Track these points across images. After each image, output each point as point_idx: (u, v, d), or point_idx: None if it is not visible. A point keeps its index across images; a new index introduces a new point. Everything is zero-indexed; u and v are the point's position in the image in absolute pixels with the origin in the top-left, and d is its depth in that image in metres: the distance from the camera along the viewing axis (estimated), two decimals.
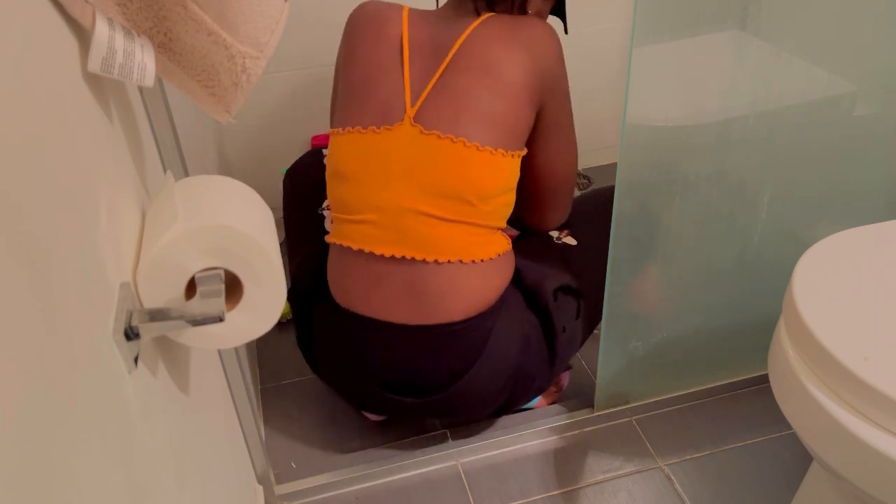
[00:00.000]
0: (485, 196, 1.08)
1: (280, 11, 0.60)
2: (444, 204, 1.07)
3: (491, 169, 1.08)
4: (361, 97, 1.10)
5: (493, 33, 1.08)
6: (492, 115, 1.07)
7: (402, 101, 1.08)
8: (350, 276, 1.14)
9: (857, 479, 0.81)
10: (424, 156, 1.07)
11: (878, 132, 1.17)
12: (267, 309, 0.62)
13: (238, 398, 1.05)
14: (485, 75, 1.06)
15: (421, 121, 1.07)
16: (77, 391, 0.41)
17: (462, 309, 1.11)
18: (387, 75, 1.09)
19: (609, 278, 1.18)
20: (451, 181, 1.07)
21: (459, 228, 1.09)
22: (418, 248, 1.08)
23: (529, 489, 1.23)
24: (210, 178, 0.64)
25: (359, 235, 1.11)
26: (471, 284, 1.10)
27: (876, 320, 0.86)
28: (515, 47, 1.07)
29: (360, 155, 1.10)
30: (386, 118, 1.08)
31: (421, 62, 1.10)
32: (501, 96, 1.07)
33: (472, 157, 1.06)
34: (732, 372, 1.38)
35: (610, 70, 1.95)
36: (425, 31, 1.11)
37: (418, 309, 1.11)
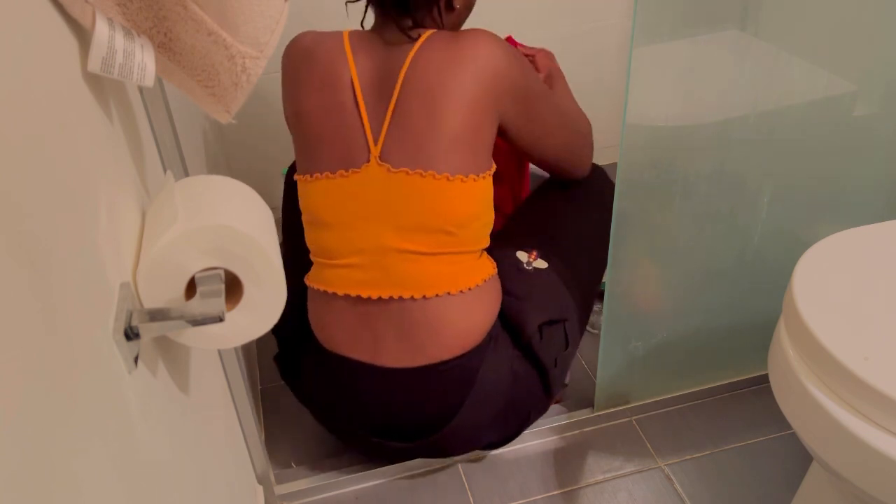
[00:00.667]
0: (463, 223, 1.07)
1: (280, 11, 0.60)
2: (424, 238, 1.06)
3: (465, 196, 1.06)
4: (323, 143, 1.08)
5: (435, 56, 1.04)
6: (453, 139, 1.04)
7: (363, 142, 1.06)
8: (335, 321, 1.12)
9: (857, 479, 0.81)
10: (397, 194, 1.05)
11: (878, 132, 1.17)
12: (267, 309, 0.62)
13: (238, 398, 1.05)
14: (436, 100, 1.03)
15: (387, 159, 1.05)
16: (77, 391, 0.41)
17: (450, 345, 1.09)
18: (344, 118, 1.07)
19: (609, 278, 1.18)
20: (428, 215, 1.05)
21: (443, 259, 1.08)
22: (404, 285, 1.07)
23: (529, 489, 1.23)
24: (210, 178, 0.64)
25: (343, 280, 1.10)
26: (459, 317, 1.09)
27: (876, 320, 0.86)
28: (459, 66, 1.04)
29: (334, 200, 1.08)
30: (352, 161, 1.06)
31: (374, 98, 1.07)
32: (457, 118, 1.04)
33: (444, 189, 1.05)
34: (732, 372, 1.38)
35: (610, 70, 1.94)
36: (370, 64, 1.08)
37: (407, 349, 1.09)
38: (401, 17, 1.07)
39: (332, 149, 1.07)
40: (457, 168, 1.05)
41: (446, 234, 1.07)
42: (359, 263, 1.08)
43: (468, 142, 1.05)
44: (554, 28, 1.84)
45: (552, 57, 1.34)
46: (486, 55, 1.05)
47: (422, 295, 1.07)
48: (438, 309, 1.08)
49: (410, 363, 1.10)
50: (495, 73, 1.06)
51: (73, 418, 0.40)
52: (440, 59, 1.04)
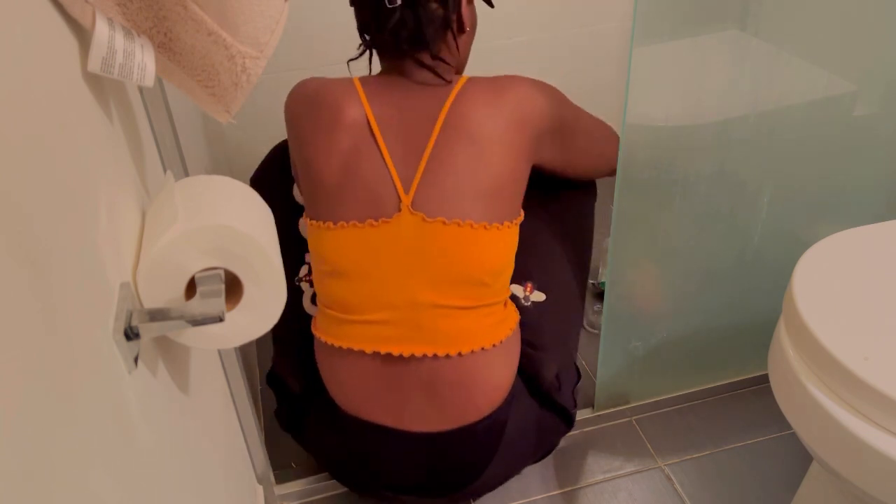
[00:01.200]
0: (497, 273, 1.03)
1: (280, 11, 0.60)
2: (461, 292, 1.00)
3: (499, 245, 1.02)
4: (342, 190, 1.00)
5: (478, 101, 1.00)
6: (492, 187, 1.00)
7: (392, 190, 0.99)
8: (356, 380, 1.05)
9: (857, 479, 0.81)
10: (432, 245, 0.99)
11: (878, 132, 1.17)
12: (267, 309, 0.62)
13: (238, 398, 1.05)
14: (476, 147, 0.99)
15: (420, 208, 0.99)
16: (77, 391, 0.41)
17: (480, 405, 1.04)
18: (364, 163, 1.00)
19: (609, 278, 1.18)
20: (465, 267, 1.00)
21: (479, 313, 1.02)
22: (437, 342, 1.01)
23: (529, 489, 1.23)
24: (210, 178, 0.64)
25: (369, 337, 1.02)
26: (490, 373, 1.04)
27: (876, 320, 0.86)
28: (503, 112, 1.01)
29: (360, 251, 1.00)
30: (380, 210, 0.99)
31: (400, 142, 1.01)
32: (501, 166, 1.00)
33: (481, 238, 1.00)
34: (732, 372, 1.38)
35: (610, 70, 1.94)
36: (391, 108, 1.02)
37: (434, 412, 1.03)
38: (418, 52, 1.02)
39: (355, 196, 1.00)
40: (493, 216, 1.01)
41: (482, 286, 1.01)
42: (388, 319, 1.01)
43: (507, 190, 1.02)
44: (554, 29, 1.84)
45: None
46: (528, 99, 1.03)
47: (457, 352, 1.01)
48: (471, 366, 1.02)
49: (438, 427, 1.04)
50: (539, 118, 1.04)
51: (73, 418, 0.40)
52: (483, 104, 1.01)
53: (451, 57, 1.06)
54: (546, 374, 1.12)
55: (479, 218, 1.00)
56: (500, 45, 1.82)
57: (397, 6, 0.98)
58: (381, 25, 1.00)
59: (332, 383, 1.08)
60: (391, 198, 1.00)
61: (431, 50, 1.02)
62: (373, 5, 1.00)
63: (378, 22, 1.00)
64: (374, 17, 1.00)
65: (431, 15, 1.00)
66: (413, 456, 1.06)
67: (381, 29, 1.01)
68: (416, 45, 1.01)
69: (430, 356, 1.01)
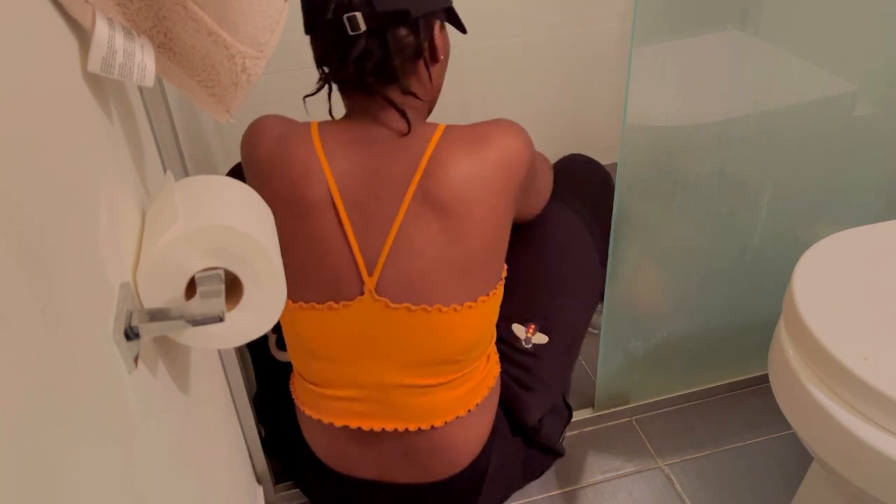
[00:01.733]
0: (471, 348, 0.96)
1: (280, 11, 0.60)
2: (431, 371, 0.94)
3: (474, 323, 0.94)
4: (301, 270, 0.92)
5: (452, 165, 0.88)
6: (465, 266, 0.91)
7: (354, 272, 0.90)
8: (334, 447, 1.02)
9: (857, 479, 0.81)
10: (399, 331, 0.92)
11: (878, 132, 1.17)
12: (267, 309, 0.62)
13: (238, 398, 1.05)
14: (449, 221, 0.89)
15: (384, 292, 0.90)
16: (77, 391, 0.41)
17: (461, 462, 1.02)
18: (325, 243, 0.90)
19: (609, 278, 1.18)
20: (435, 350, 0.93)
21: (451, 385, 0.97)
22: (410, 418, 0.96)
23: (529, 489, 1.23)
24: (210, 178, 0.64)
25: (340, 412, 0.98)
26: (469, 435, 1.01)
27: (876, 320, 0.86)
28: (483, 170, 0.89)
29: (324, 332, 0.94)
30: (341, 293, 0.91)
31: (363, 216, 0.90)
32: (473, 240, 0.90)
33: (452, 321, 0.92)
34: (732, 372, 1.38)
35: (610, 70, 1.94)
36: (356, 169, 0.90)
37: (415, 470, 1.01)
38: (386, 87, 0.90)
39: (315, 277, 0.92)
40: (465, 296, 0.92)
41: (454, 363, 0.95)
42: (356, 396, 0.97)
43: (483, 263, 0.93)
44: (554, 29, 1.84)
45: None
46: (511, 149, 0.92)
47: (429, 426, 0.97)
48: (447, 434, 0.99)
49: (422, 479, 1.02)
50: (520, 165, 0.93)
51: (73, 418, 0.40)
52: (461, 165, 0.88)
53: (423, 90, 0.95)
54: (529, 418, 1.09)
55: (450, 300, 0.91)
56: (500, 45, 1.82)
57: (361, 33, 0.85)
58: (343, 55, 0.87)
59: (315, 446, 1.05)
60: (353, 281, 0.91)
61: (401, 83, 0.90)
62: (332, 33, 0.87)
63: (339, 52, 0.88)
64: (335, 46, 0.88)
65: (401, 43, 0.88)
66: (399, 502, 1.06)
67: (343, 59, 0.88)
68: (383, 78, 0.89)
69: (402, 431, 0.97)
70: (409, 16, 0.87)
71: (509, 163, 0.92)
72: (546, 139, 1.94)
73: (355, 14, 0.85)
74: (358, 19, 0.85)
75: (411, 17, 0.87)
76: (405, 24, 0.88)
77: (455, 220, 0.89)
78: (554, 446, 1.14)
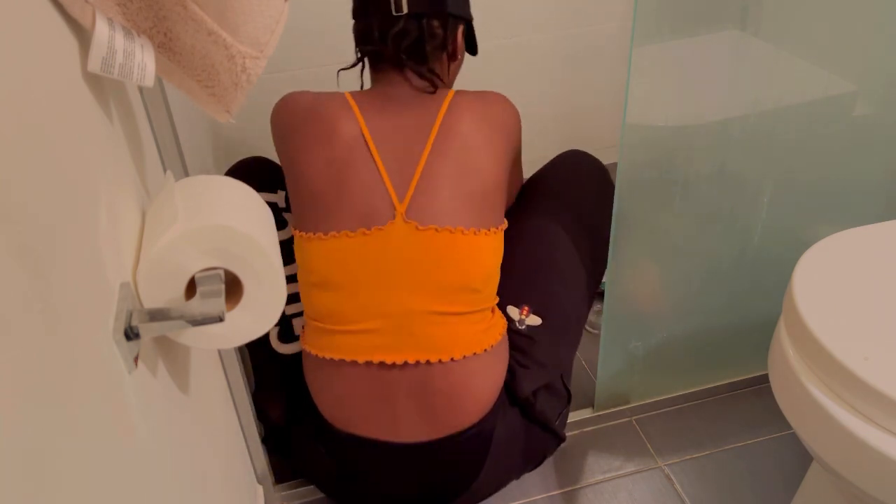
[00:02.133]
0: (487, 279, 1.05)
1: (280, 11, 0.60)
2: (453, 297, 1.01)
3: (489, 250, 1.04)
4: (335, 200, 1.01)
5: (465, 115, 1.05)
6: (481, 193, 1.04)
7: (386, 199, 1.01)
8: (348, 393, 1.04)
9: (857, 479, 0.81)
10: (425, 253, 1.00)
11: (878, 132, 1.17)
12: (267, 309, 0.62)
13: (238, 398, 1.05)
14: (467, 155, 1.03)
15: (414, 216, 1.00)
16: (77, 391, 0.41)
17: (470, 412, 1.04)
18: (358, 173, 1.01)
19: (609, 278, 1.18)
20: (458, 274, 1.01)
21: (470, 319, 1.03)
22: (431, 349, 1.01)
23: (529, 489, 1.23)
24: (210, 178, 0.64)
25: (360, 346, 1.01)
26: (481, 380, 1.04)
27: (876, 320, 0.86)
28: (489, 127, 1.06)
29: (352, 261, 1.00)
30: (372, 219, 1.00)
31: (394, 154, 1.03)
32: (491, 174, 1.05)
33: (473, 245, 1.02)
34: (732, 372, 1.38)
35: (610, 70, 1.94)
36: (383, 120, 1.05)
37: (426, 421, 1.03)
38: (419, 65, 1.07)
39: (345, 205, 1.01)
40: (481, 222, 1.03)
41: (474, 292, 1.03)
42: (380, 328, 1.01)
43: (494, 195, 1.06)
44: (554, 29, 1.84)
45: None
46: (511, 114, 1.10)
47: (449, 357, 1.01)
48: (462, 372, 1.03)
49: (429, 436, 1.04)
50: (515, 132, 1.12)
51: (73, 418, 0.40)
52: (472, 113, 1.05)
53: (442, 74, 1.11)
54: (521, 388, 1.11)
55: (469, 224, 1.02)
56: (501, 45, 1.82)
57: (403, 14, 1.03)
58: (384, 33, 1.04)
59: (323, 397, 1.07)
60: (385, 207, 1.01)
61: (429, 64, 1.07)
62: (379, 12, 1.04)
63: (381, 30, 1.04)
64: (379, 24, 1.05)
65: (432, 31, 1.06)
66: (405, 468, 1.06)
67: (383, 37, 1.04)
68: (414, 56, 1.06)
69: (423, 363, 1.01)
70: (444, 8, 1.05)
71: (509, 125, 1.10)
72: (546, 139, 1.94)
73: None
74: (403, 2, 1.02)
75: (446, 10, 1.05)
76: (438, 17, 1.05)
77: (472, 153, 1.04)
78: (551, 425, 1.16)
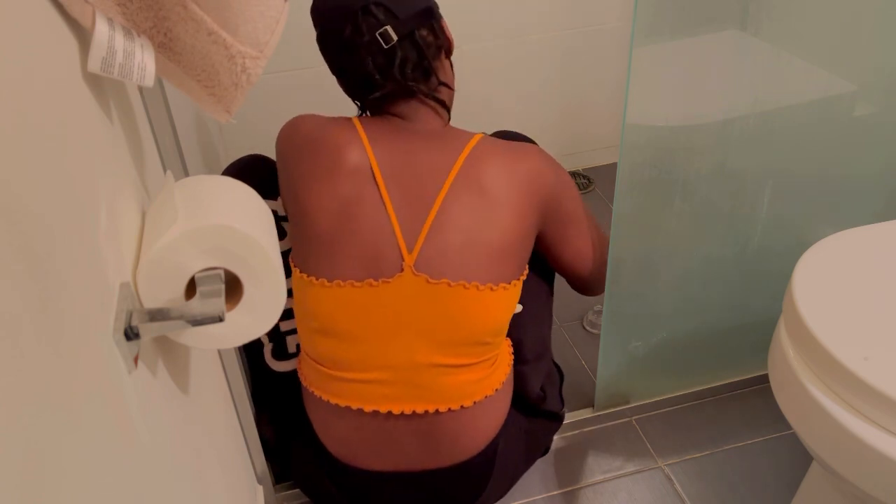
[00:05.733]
0: (499, 331, 1.02)
1: (280, 11, 0.60)
2: (462, 351, 0.98)
3: (503, 305, 1.00)
4: (340, 243, 0.95)
5: (490, 163, 0.98)
6: (501, 247, 0.97)
7: (395, 247, 0.94)
8: (352, 436, 1.02)
9: (857, 479, 0.81)
10: (434, 307, 0.95)
11: (878, 132, 1.17)
12: (267, 309, 0.62)
13: (238, 398, 1.05)
14: (488, 203, 0.96)
15: (423, 268, 0.94)
16: (77, 391, 0.41)
17: (477, 446, 1.04)
18: (366, 212, 0.94)
19: (609, 278, 1.18)
20: (468, 329, 0.97)
21: (478, 368, 1.01)
22: (439, 400, 0.99)
23: (529, 489, 1.23)
24: (210, 178, 0.64)
25: (366, 395, 0.99)
26: (488, 419, 1.03)
27: (876, 320, 0.86)
28: (516, 181, 0.98)
29: (357, 311, 0.96)
30: (380, 268, 0.95)
31: (404, 193, 0.96)
32: (508, 222, 0.97)
33: (486, 300, 0.97)
34: (732, 372, 1.38)
35: (610, 70, 1.95)
36: (396, 153, 0.97)
37: (431, 454, 1.02)
38: (426, 82, 1.00)
39: (355, 250, 0.95)
40: (499, 277, 0.98)
41: (484, 346, 1.00)
42: (385, 379, 0.98)
43: (515, 248, 1.00)
44: (555, 29, 1.84)
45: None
46: (540, 172, 1.01)
47: (459, 406, 1.00)
48: (472, 417, 1.01)
49: (434, 465, 1.03)
50: (547, 192, 1.02)
51: (73, 418, 0.40)
52: (498, 163, 0.98)
53: (449, 81, 1.06)
54: (531, 389, 1.12)
55: (486, 279, 0.96)
56: (501, 45, 1.82)
57: (394, 43, 0.96)
58: (386, 70, 0.98)
59: (324, 435, 1.05)
60: (394, 255, 0.95)
61: (437, 75, 1.01)
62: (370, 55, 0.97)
63: (382, 68, 0.98)
64: (376, 65, 0.98)
65: (427, 42, 0.99)
66: (410, 494, 1.06)
67: (387, 74, 0.98)
68: (423, 73, 1.00)
69: (432, 412, 0.99)
70: (430, 16, 0.99)
71: (535, 178, 1.00)
72: (546, 139, 1.94)
73: (386, 28, 0.95)
74: (389, 32, 0.96)
75: (432, 16, 0.99)
76: (425, 24, 0.99)
77: (492, 205, 0.96)
78: (558, 410, 1.17)
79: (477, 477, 1.07)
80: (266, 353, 1.17)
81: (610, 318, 1.23)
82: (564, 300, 1.44)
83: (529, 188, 1.00)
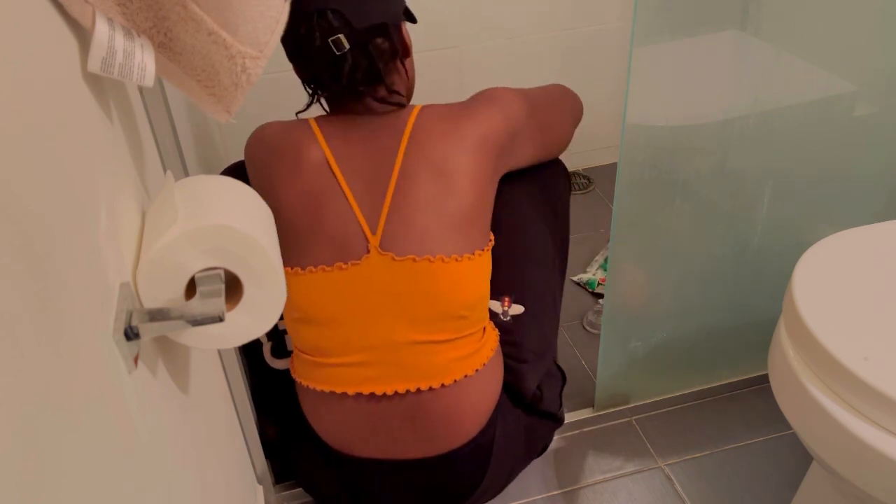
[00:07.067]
0: (474, 304, 1.02)
1: (280, 11, 0.60)
2: (439, 326, 0.99)
3: (474, 276, 1.01)
4: (310, 232, 0.99)
5: (435, 129, 1.00)
6: (461, 218, 0.99)
7: (359, 231, 0.98)
8: (342, 421, 1.04)
9: (857, 479, 0.81)
10: (404, 284, 0.98)
11: (878, 132, 1.17)
12: (267, 309, 0.62)
13: (238, 398, 1.05)
14: (441, 178, 0.98)
15: (389, 247, 0.97)
16: (77, 391, 0.41)
17: (468, 429, 1.04)
18: (330, 206, 0.99)
19: (609, 278, 1.18)
20: (441, 302, 0.98)
21: (457, 344, 1.02)
22: (420, 378, 1.00)
23: (529, 489, 1.23)
24: (210, 178, 0.64)
25: (350, 378, 1.01)
26: (475, 399, 1.04)
27: (876, 320, 0.86)
28: (462, 138, 1.00)
29: (331, 295, 0.99)
30: (347, 252, 0.98)
31: (362, 181, 1.00)
32: (469, 195, 1.00)
33: (454, 272, 0.98)
34: (732, 372, 1.38)
35: (610, 70, 1.95)
36: (349, 145, 1.01)
37: (424, 440, 1.03)
38: (374, 88, 1.01)
39: (323, 238, 0.99)
40: (464, 247, 0.99)
41: (460, 319, 1.01)
42: (366, 360, 1.00)
43: (476, 217, 1.01)
44: (554, 29, 1.84)
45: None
46: (485, 120, 1.02)
47: (440, 384, 1.00)
48: (456, 395, 1.02)
49: (428, 453, 1.04)
50: (497, 134, 1.03)
51: (73, 418, 0.40)
52: (441, 132, 1.00)
53: (402, 84, 1.06)
54: (527, 387, 1.12)
55: (451, 251, 0.98)
56: (500, 46, 1.82)
57: (346, 51, 0.96)
58: (335, 74, 0.99)
59: (318, 426, 1.06)
60: (358, 240, 0.98)
61: (386, 83, 1.01)
62: (322, 57, 0.97)
63: (331, 72, 0.99)
64: (327, 68, 0.98)
65: (380, 50, 0.99)
66: (406, 483, 1.06)
67: (336, 78, 0.99)
68: (372, 82, 1.00)
69: (414, 391, 1.00)
70: (386, 28, 0.99)
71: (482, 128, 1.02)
72: None
73: (339, 36, 0.96)
74: (342, 40, 0.96)
75: (388, 28, 0.99)
76: (381, 33, 0.99)
77: (445, 176, 0.99)
78: (556, 411, 1.17)
79: (473, 467, 1.07)
80: (265, 352, 1.17)
81: (610, 318, 1.23)
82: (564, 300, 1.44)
83: (481, 142, 1.02)
